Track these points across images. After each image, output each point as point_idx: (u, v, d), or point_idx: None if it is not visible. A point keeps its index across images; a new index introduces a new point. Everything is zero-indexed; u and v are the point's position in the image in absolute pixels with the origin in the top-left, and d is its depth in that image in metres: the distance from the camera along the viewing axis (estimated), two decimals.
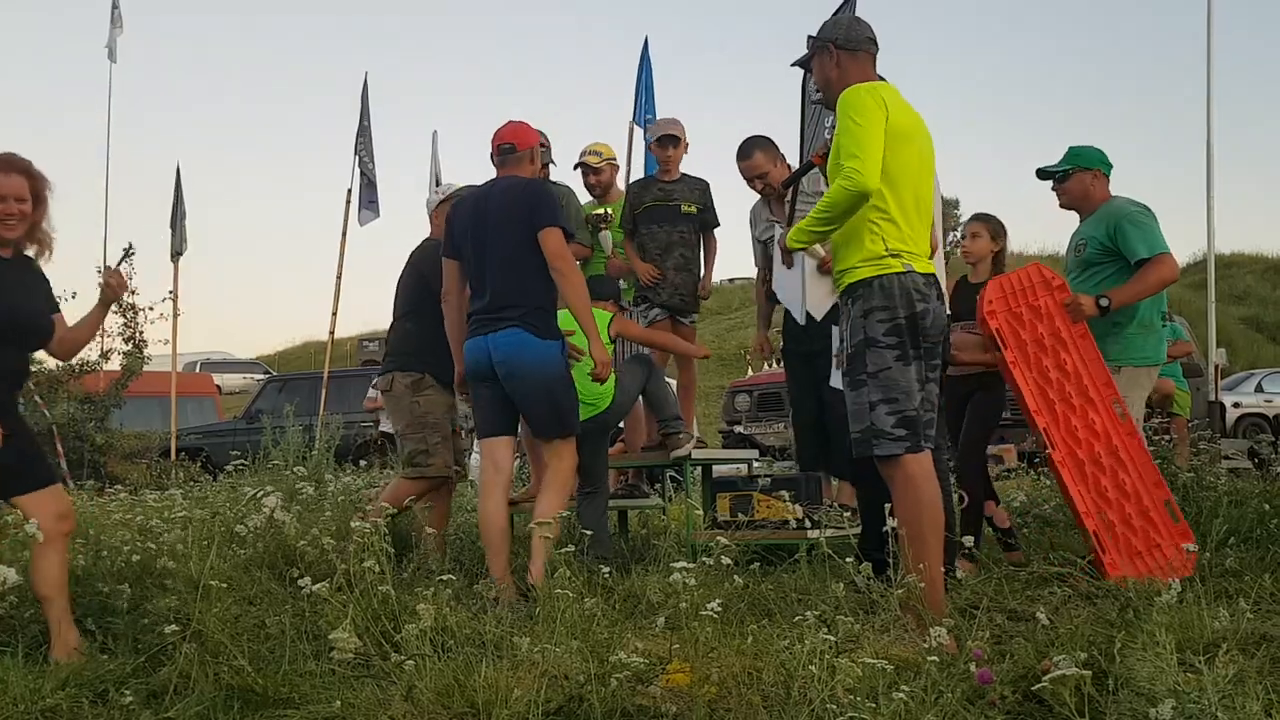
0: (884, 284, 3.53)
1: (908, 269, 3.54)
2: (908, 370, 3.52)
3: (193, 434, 16.42)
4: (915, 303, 3.52)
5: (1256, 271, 33.80)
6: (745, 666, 2.86)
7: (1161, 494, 4.38)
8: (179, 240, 14.48)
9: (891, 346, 3.51)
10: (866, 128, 3.47)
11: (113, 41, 16.73)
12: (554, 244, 4.33)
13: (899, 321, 3.51)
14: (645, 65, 9.50)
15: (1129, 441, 4.43)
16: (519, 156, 4.59)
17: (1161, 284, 4.67)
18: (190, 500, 6.40)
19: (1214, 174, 12.37)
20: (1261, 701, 2.39)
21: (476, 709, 2.75)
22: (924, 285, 3.57)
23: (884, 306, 3.52)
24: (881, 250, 3.54)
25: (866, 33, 3.79)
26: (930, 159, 3.75)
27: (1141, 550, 4.26)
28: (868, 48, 3.78)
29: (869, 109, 3.50)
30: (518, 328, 4.34)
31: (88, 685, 3.20)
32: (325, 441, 8.22)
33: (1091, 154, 4.98)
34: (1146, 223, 4.72)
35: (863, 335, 3.55)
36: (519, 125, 4.65)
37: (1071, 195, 5.01)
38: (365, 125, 12.90)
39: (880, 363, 3.51)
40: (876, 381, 3.51)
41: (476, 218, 4.51)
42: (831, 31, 3.79)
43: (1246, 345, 25.92)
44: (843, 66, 3.75)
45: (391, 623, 3.43)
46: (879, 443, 3.51)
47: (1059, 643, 3.03)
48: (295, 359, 36.26)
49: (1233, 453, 9.72)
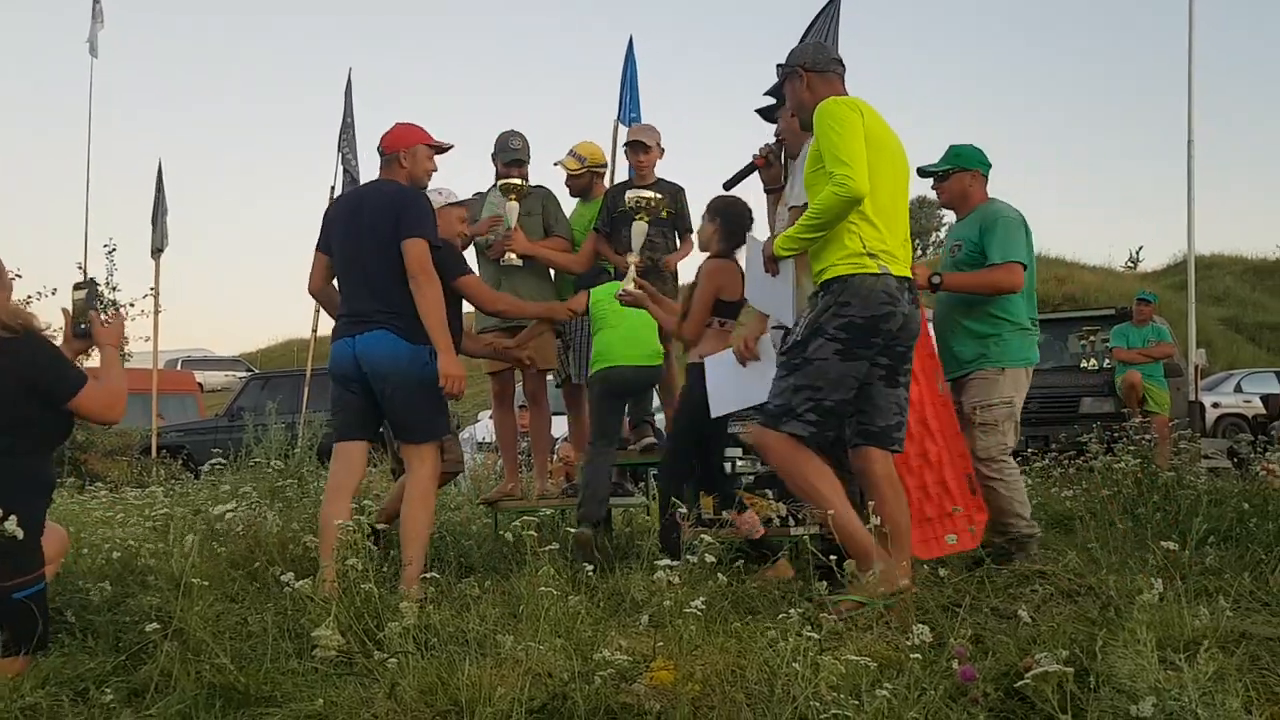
0: (857, 283, 3.65)
1: (883, 270, 3.66)
2: (844, 365, 3.65)
3: (174, 431, 16.32)
4: (881, 306, 3.64)
5: (1236, 273, 34.00)
6: (729, 664, 2.86)
7: (965, 466, 4.58)
8: (160, 237, 14.38)
9: (837, 340, 3.65)
10: (848, 135, 3.62)
11: (94, 36, 16.60)
12: (414, 254, 4.28)
13: (855, 320, 3.64)
14: (630, 64, 9.49)
15: (941, 412, 4.61)
16: (388, 160, 4.58)
17: (994, 287, 4.78)
18: (172, 498, 6.38)
19: (1194, 176, 12.49)
20: (1241, 698, 2.41)
21: (460, 707, 2.74)
22: (896, 289, 3.69)
23: (847, 304, 3.64)
24: (859, 249, 3.65)
25: (832, 54, 4.04)
26: (903, 169, 3.89)
27: (933, 517, 4.46)
28: (835, 69, 3.98)
29: (847, 117, 3.65)
30: (385, 329, 4.33)
31: (68, 683, 3.18)
32: (308, 440, 8.19)
33: (971, 154, 5.06)
34: (1010, 230, 4.82)
35: (816, 324, 3.68)
36: (397, 128, 4.62)
37: (950, 194, 5.11)
38: (349, 122, 12.84)
39: (820, 352, 3.66)
40: (810, 368, 3.67)
41: (351, 219, 4.49)
42: (799, 57, 3.99)
43: (1226, 346, 26.06)
44: (814, 88, 3.94)
45: (374, 620, 3.42)
46: (788, 420, 3.66)
47: (1041, 640, 3.05)
48: (277, 356, 36.11)
49: (1212, 452, 9.77)
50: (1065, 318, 14.53)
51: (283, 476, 6.31)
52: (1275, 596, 3.72)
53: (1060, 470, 6.99)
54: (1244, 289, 32.40)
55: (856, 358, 3.66)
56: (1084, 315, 14.06)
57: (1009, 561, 4.49)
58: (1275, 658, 2.97)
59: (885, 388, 3.79)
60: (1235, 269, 34.49)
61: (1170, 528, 4.67)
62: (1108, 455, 6.10)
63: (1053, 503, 6.27)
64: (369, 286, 4.39)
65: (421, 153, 4.62)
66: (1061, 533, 5.55)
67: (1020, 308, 4.87)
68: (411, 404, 4.37)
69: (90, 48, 16.69)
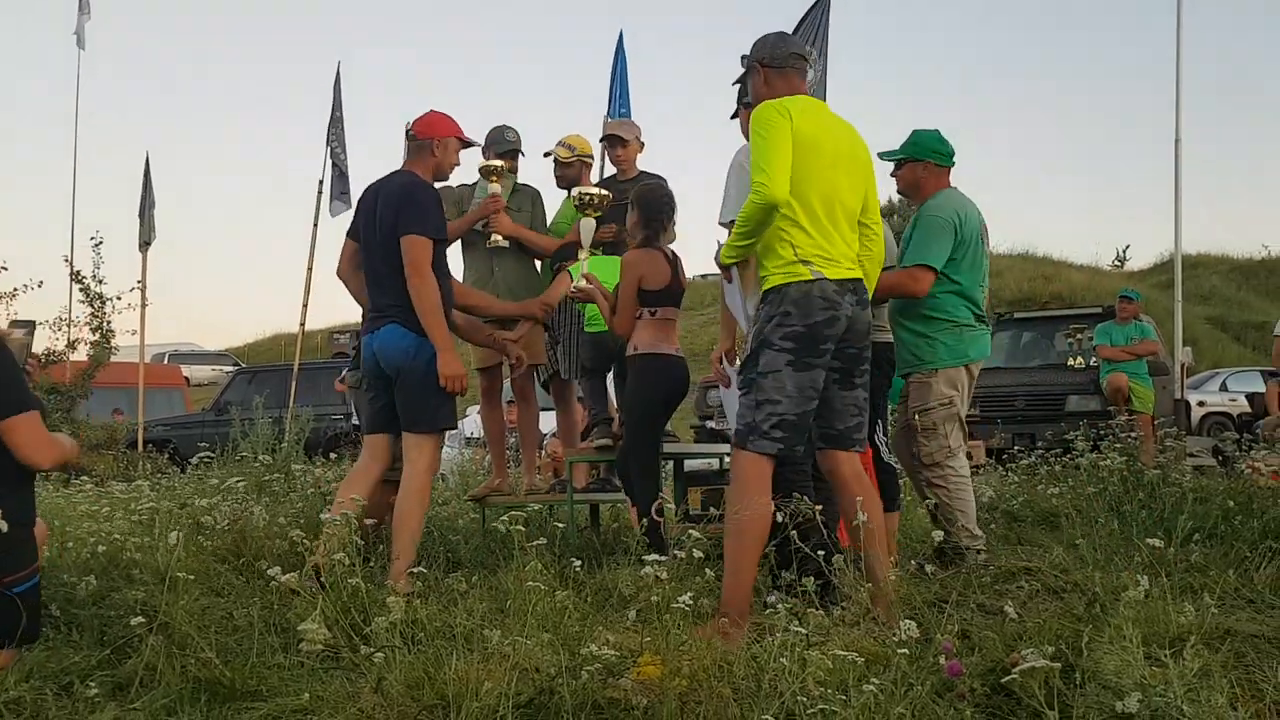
0: (791, 291, 3.60)
1: (817, 276, 3.59)
2: (799, 376, 3.57)
3: (160, 425, 16.26)
4: (821, 312, 3.58)
5: (1222, 272, 34.16)
6: (716, 659, 2.86)
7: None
8: (147, 230, 14.34)
9: (786, 351, 3.57)
10: (770, 141, 3.56)
11: (81, 28, 16.55)
12: (410, 251, 4.27)
13: (797, 329, 3.57)
14: (620, 58, 9.49)
15: None
16: (419, 145, 4.55)
17: (898, 290, 4.69)
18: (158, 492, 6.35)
19: (1181, 175, 12.53)
20: (1226, 695, 2.43)
21: (446, 701, 2.74)
22: (835, 293, 3.61)
23: (786, 313, 3.59)
24: (791, 257, 3.60)
25: (793, 48, 3.94)
26: (853, 168, 3.78)
27: None
28: (794, 63, 3.90)
29: (772, 122, 3.60)
30: (395, 323, 4.35)
31: (52, 677, 3.17)
32: (295, 434, 8.17)
33: (927, 142, 4.94)
34: (929, 232, 4.72)
35: (762, 337, 3.63)
36: (433, 115, 4.58)
37: (904, 183, 5.03)
38: (338, 115, 12.80)
39: (771, 365, 3.58)
40: (766, 382, 3.58)
41: (369, 209, 4.49)
42: (759, 51, 3.93)
43: (1212, 345, 26.17)
44: (770, 84, 3.87)
45: (361, 615, 3.41)
46: (754, 439, 3.58)
47: (1027, 636, 3.06)
48: (265, 351, 36.02)
49: (1198, 450, 9.83)
50: (1052, 316, 14.61)
51: (269, 471, 6.29)
52: (1260, 594, 3.75)
53: (1046, 468, 7.02)
54: (1230, 288, 32.55)
55: (810, 367, 3.59)
56: (1070, 314, 14.12)
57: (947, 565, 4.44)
58: (1260, 654, 2.99)
59: (841, 390, 3.75)
60: (1221, 268, 34.64)
61: (1156, 525, 4.69)
62: (1094, 453, 6.12)
63: (1039, 500, 6.29)
64: (377, 280, 4.43)
65: (453, 145, 4.61)
66: (1047, 530, 5.57)
67: (955, 306, 4.77)
68: (416, 394, 4.35)
69: (77, 40, 16.63)
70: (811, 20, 8.86)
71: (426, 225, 4.32)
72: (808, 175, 3.61)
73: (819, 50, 8.75)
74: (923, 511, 5.49)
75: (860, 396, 3.79)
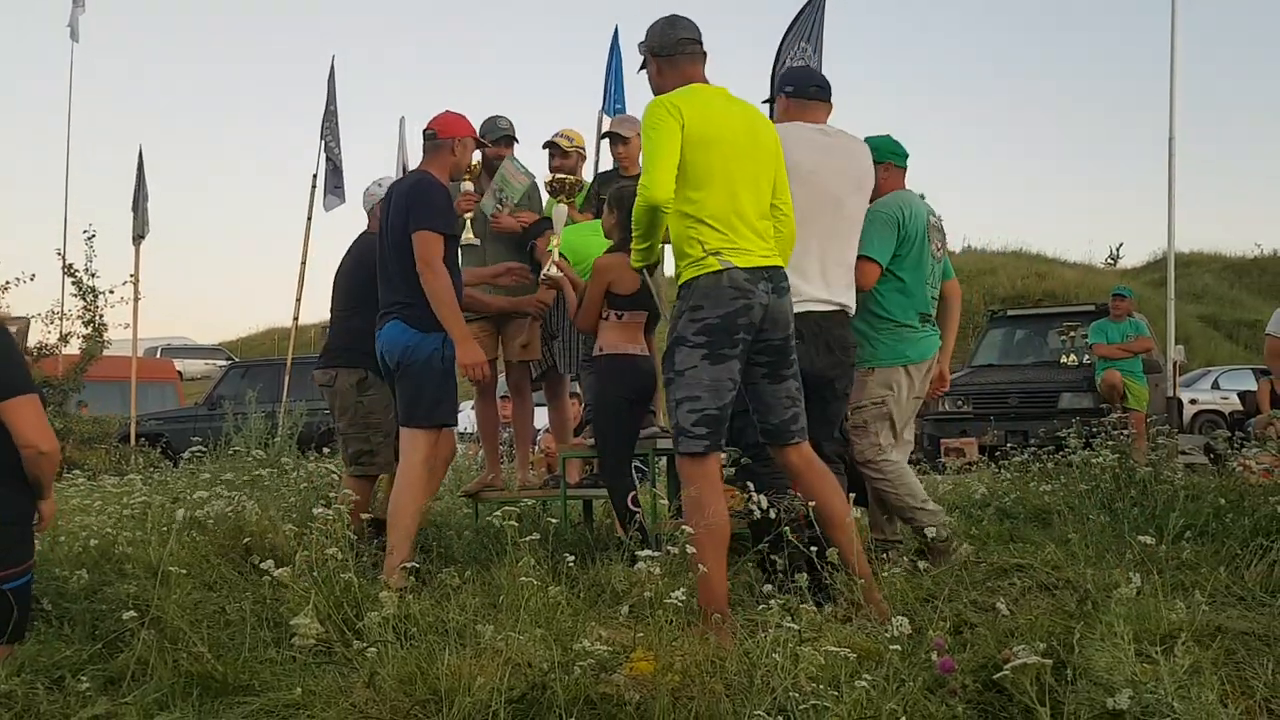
0: (700, 284, 3.54)
1: (726, 266, 3.52)
2: (716, 369, 3.52)
3: (153, 420, 16.23)
4: (732, 301, 3.51)
5: (1215, 270, 34.23)
6: (708, 655, 2.87)
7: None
8: (141, 223, 14.28)
9: (699, 345, 3.52)
10: (656, 140, 3.52)
11: (75, 20, 16.50)
12: (420, 247, 4.32)
13: (709, 321, 3.51)
14: (615, 54, 9.48)
15: None
16: (438, 144, 4.59)
17: None
18: (150, 486, 6.34)
19: (1175, 174, 12.57)
20: (1217, 692, 2.43)
21: (439, 696, 2.73)
22: (745, 281, 3.53)
23: (697, 306, 3.53)
24: (700, 253, 3.55)
25: (682, 33, 3.78)
26: (756, 154, 3.68)
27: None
28: (684, 49, 3.77)
29: (659, 121, 3.53)
30: (396, 319, 4.43)
31: (43, 671, 3.16)
32: (287, 428, 8.16)
33: (886, 146, 4.97)
34: (874, 227, 4.68)
35: (675, 334, 3.60)
36: (451, 115, 4.64)
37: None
38: (332, 110, 12.79)
39: (687, 361, 3.54)
40: (682, 379, 3.55)
41: (385, 209, 4.60)
42: (649, 40, 3.83)
43: (1204, 343, 26.24)
44: (662, 73, 3.79)
45: (354, 610, 3.41)
46: (682, 440, 3.55)
47: (1019, 633, 3.07)
48: (258, 345, 35.92)
49: (1190, 448, 9.84)
50: (1045, 314, 14.64)
51: (262, 465, 6.28)
52: (1250, 591, 3.75)
53: (1039, 465, 7.03)
54: (1223, 286, 32.64)
55: (725, 359, 3.52)
56: (1064, 311, 14.15)
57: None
58: (1250, 652, 3.00)
59: (770, 384, 3.71)
60: (1214, 266, 34.72)
61: (1147, 522, 4.70)
62: (1086, 450, 6.13)
63: (1031, 497, 6.30)
64: (387, 279, 4.52)
65: (470, 145, 4.69)
66: (1040, 527, 5.57)
67: (898, 305, 4.79)
68: (413, 388, 4.41)
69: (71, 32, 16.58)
70: (806, 17, 8.86)
71: (436, 221, 4.35)
72: (708, 170, 3.55)
73: (814, 47, 8.75)
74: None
75: (792, 387, 3.72)
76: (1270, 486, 5.16)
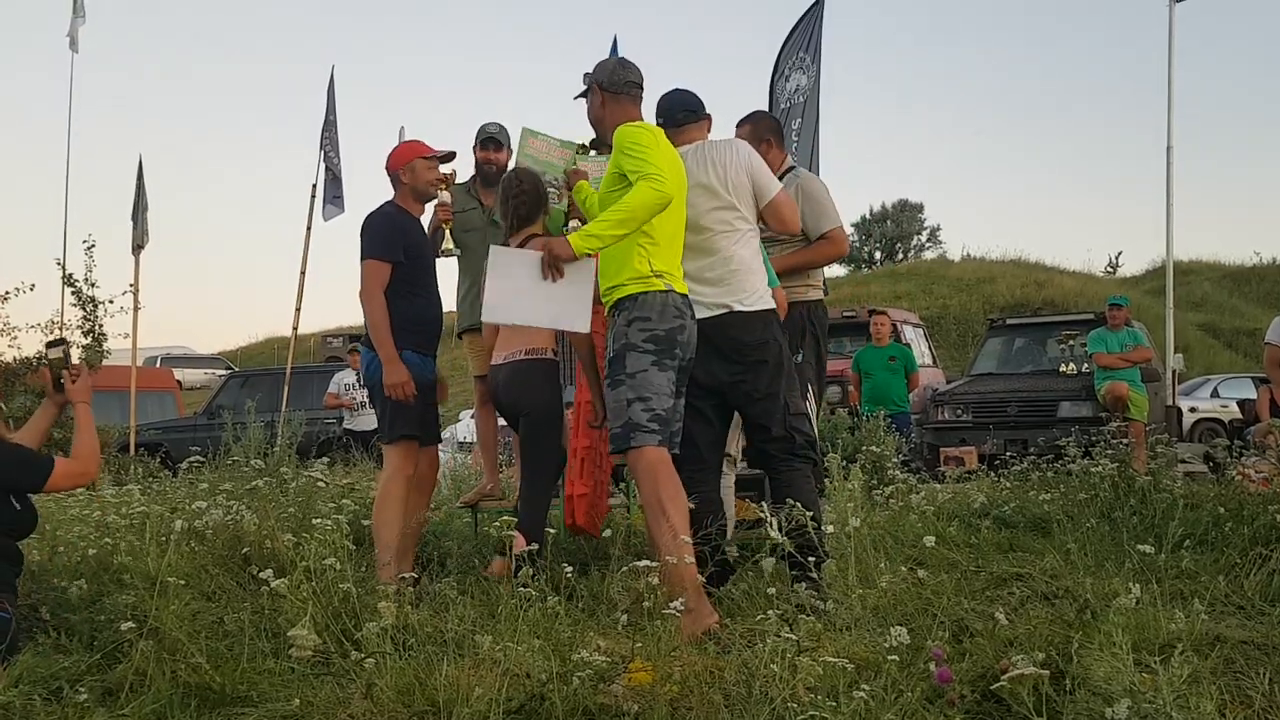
0: (649, 299, 3.89)
1: (669, 288, 3.91)
2: (662, 375, 3.87)
3: (152, 429, 16.21)
4: (674, 318, 3.89)
5: (1214, 279, 34.28)
6: (707, 665, 2.87)
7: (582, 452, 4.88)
8: (140, 233, 14.26)
9: (649, 353, 3.87)
10: (652, 150, 3.81)
11: (74, 31, 16.46)
12: (361, 274, 4.55)
13: (658, 333, 3.87)
14: None
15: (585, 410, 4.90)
16: (392, 179, 4.75)
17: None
18: (149, 496, 6.33)
19: (1174, 182, 12.59)
20: (1215, 702, 2.43)
21: (437, 707, 2.73)
22: (681, 304, 3.94)
23: (646, 318, 3.87)
24: (648, 270, 3.89)
25: (630, 76, 4.13)
26: (683, 193, 4.00)
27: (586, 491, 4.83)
28: (630, 90, 4.12)
29: (647, 139, 3.86)
30: (366, 346, 4.68)
31: (41, 682, 3.15)
32: (287, 438, 8.14)
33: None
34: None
35: (625, 340, 3.89)
36: (395, 149, 4.77)
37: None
38: (331, 120, 12.81)
39: (638, 365, 3.87)
40: (634, 381, 3.87)
41: None
42: (598, 73, 4.15)
43: (1203, 351, 26.25)
44: (605, 106, 4.13)
45: (352, 620, 3.41)
46: (635, 435, 3.83)
47: (1017, 643, 3.06)
48: (258, 354, 35.96)
49: (1189, 457, 9.85)
50: (1044, 322, 14.64)
51: (261, 475, 6.27)
52: (1249, 600, 3.75)
53: (1038, 474, 7.02)
54: (1221, 295, 32.68)
55: (666, 368, 3.88)
56: (1063, 320, 14.15)
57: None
58: (1249, 661, 3.00)
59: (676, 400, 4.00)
60: (1213, 275, 34.79)
61: (1146, 531, 4.70)
62: (1085, 459, 6.13)
63: (1031, 506, 6.29)
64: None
65: (419, 165, 4.73)
66: (1039, 536, 5.57)
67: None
68: (379, 406, 4.65)
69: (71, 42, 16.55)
70: (805, 27, 8.90)
71: (377, 250, 4.56)
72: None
73: (812, 56, 8.78)
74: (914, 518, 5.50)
75: (681, 405, 4.03)
76: (1269, 495, 5.16)
